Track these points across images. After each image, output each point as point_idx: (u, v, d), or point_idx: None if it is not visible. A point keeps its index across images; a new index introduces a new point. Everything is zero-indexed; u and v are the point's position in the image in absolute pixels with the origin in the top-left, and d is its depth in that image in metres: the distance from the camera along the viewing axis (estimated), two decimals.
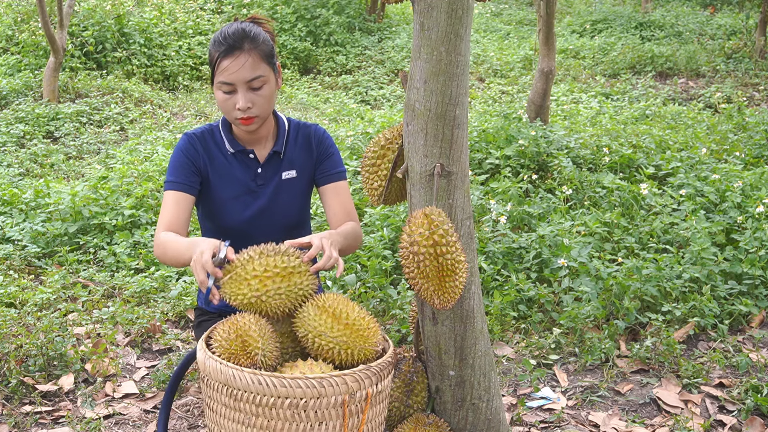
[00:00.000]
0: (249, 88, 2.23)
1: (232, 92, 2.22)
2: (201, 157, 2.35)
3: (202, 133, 2.39)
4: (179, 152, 2.35)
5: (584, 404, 2.91)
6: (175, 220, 2.26)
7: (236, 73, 2.19)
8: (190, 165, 2.33)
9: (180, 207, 2.28)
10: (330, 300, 1.97)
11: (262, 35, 2.27)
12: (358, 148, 5.53)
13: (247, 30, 2.24)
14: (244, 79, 2.20)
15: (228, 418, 1.87)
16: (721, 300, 3.51)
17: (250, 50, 2.21)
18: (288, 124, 2.45)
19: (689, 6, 13.41)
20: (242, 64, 2.19)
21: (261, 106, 2.25)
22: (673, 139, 5.75)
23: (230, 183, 2.38)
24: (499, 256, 3.80)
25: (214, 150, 2.37)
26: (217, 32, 2.27)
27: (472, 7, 1.99)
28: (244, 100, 2.22)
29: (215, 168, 2.37)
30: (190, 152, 2.35)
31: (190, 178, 2.32)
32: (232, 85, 2.21)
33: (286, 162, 2.40)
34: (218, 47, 2.22)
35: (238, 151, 2.37)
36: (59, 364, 3.12)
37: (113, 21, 9.30)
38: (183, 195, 2.30)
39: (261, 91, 2.24)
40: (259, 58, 2.22)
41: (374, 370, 1.89)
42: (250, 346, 1.89)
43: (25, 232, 4.45)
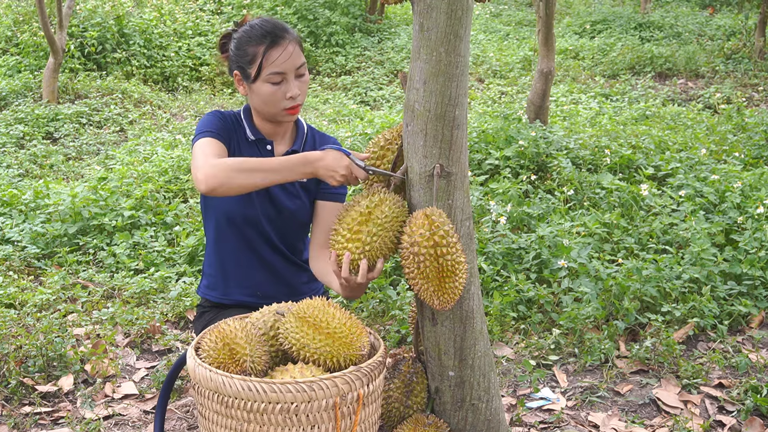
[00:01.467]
0: (297, 76, 2.30)
1: (281, 82, 2.27)
2: (230, 126, 2.37)
3: (229, 114, 2.42)
4: (213, 115, 2.35)
5: (584, 405, 2.91)
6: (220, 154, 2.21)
7: (287, 62, 2.26)
8: (226, 126, 2.35)
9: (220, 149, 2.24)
10: (310, 308, 1.96)
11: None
12: (358, 149, 5.53)
13: (277, 21, 2.32)
14: (294, 66, 2.28)
15: (220, 425, 1.88)
16: (721, 300, 3.51)
17: (292, 38, 2.30)
18: (306, 128, 2.50)
19: (688, 7, 13.42)
20: (292, 51, 2.27)
21: (304, 93, 2.34)
22: (672, 139, 5.75)
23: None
24: (498, 257, 3.80)
25: (238, 131, 2.40)
26: (246, 29, 2.29)
27: (472, 8, 1.99)
28: (294, 88, 2.29)
29: (236, 148, 2.37)
30: (224, 120, 2.37)
31: (223, 131, 2.31)
32: (283, 74, 2.27)
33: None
34: (261, 40, 2.26)
35: (258, 139, 2.40)
36: (59, 364, 3.12)
37: (113, 22, 9.30)
38: (218, 143, 2.26)
39: (303, 78, 2.32)
40: (298, 46, 2.31)
41: (365, 371, 1.89)
42: (238, 354, 1.89)
43: (24, 232, 4.45)
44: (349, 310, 2.12)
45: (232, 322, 1.99)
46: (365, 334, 1.99)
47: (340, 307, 2.00)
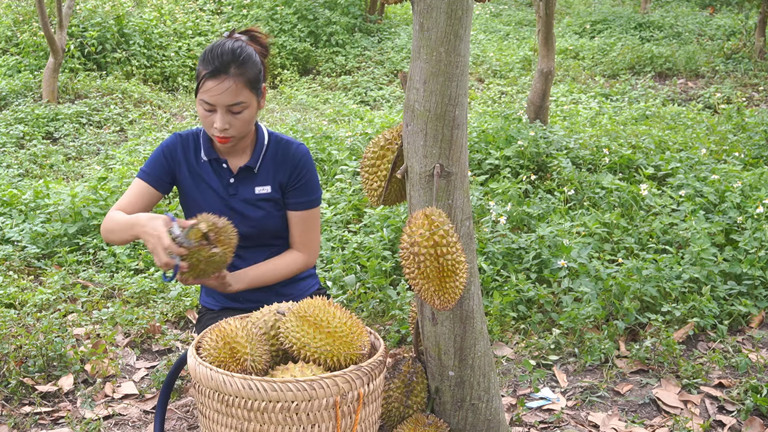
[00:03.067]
0: (228, 111, 2.27)
1: (211, 111, 2.27)
2: (179, 161, 2.42)
3: (188, 135, 2.46)
4: (161, 149, 2.43)
5: (584, 405, 2.91)
6: (129, 205, 2.36)
7: (217, 97, 2.24)
8: (165, 164, 2.41)
9: (141, 197, 2.38)
10: (310, 308, 1.96)
11: (252, 58, 2.30)
12: (358, 149, 5.54)
13: (237, 52, 2.27)
14: (224, 103, 2.25)
15: (220, 424, 1.88)
16: (721, 300, 3.51)
17: (235, 76, 2.24)
18: (268, 139, 2.46)
19: (688, 6, 13.42)
20: (225, 89, 2.23)
21: (238, 128, 2.30)
22: (672, 139, 5.75)
23: (203, 189, 2.44)
24: (498, 257, 3.80)
25: (192, 155, 2.44)
26: (209, 47, 2.30)
27: (472, 8, 1.99)
28: (221, 122, 2.26)
29: (191, 172, 2.43)
30: (171, 152, 2.42)
31: (161, 174, 2.40)
32: (212, 105, 2.25)
33: (260, 177, 2.43)
34: (206, 66, 2.25)
35: (212, 159, 2.42)
36: (59, 364, 3.12)
37: (113, 22, 9.30)
38: (148, 187, 2.39)
39: (240, 115, 2.29)
40: (243, 84, 2.26)
41: (365, 370, 1.89)
42: (238, 353, 1.89)
43: (24, 232, 4.45)
44: (349, 310, 2.12)
45: (233, 321, 1.99)
46: (365, 334, 1.99)
47: (341, 307, 2.01)
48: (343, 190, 4.82)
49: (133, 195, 2.39)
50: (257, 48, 2.38)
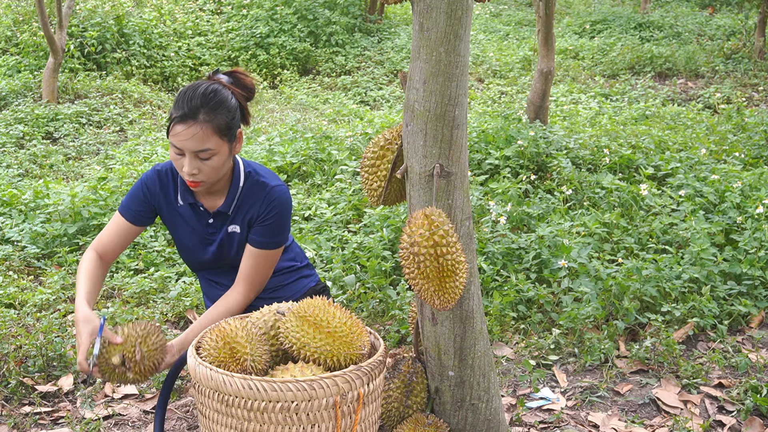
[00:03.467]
0: (196, 157, 2.23)
1: (180, 155, 2.25)
2: (157, 196, 2.42)
3: (167, 172, 2.43)
4: (140, 183, 2.43)
5: (584, 405, 2.91)
6: (109, 243, 2.42)
7: (184, 142, 2.21)
8: (145, 200, 2.41)
9: (121, 232, 2.42)
10: (311, 308, 1.96)
11: (225, 104, 2.25)
12: (358, 149, 5.54)
13: (209, 97, 2.22)
14: (191, 149, 2.22)
15: (220, 424, 1.88)
16: (721, 300, 3.51)
17: (204, 122, 2.20)
18: (244, 180, 2.40)
19: (688, 6, 13.42)
20: (191, 135, 2.20)
21: (207, 174, 2.27)
22: (672, 139, 5.75)
23: (185, 228, 2.46)
24: (498, 257, 3.80)
25: (171, 194, 2.43)
26: (184, 88, 2.27)
27: (472, 8, 1.99)
28: (189, 167, 2.24)
29: (172, 210, 2.44)
30: (150, 188, 2.42)
31: (140, 209, 2.41)
32: (180, 149, 2.23)
33: (234, 217, 2.43)
34: (176, 109, 2.22)
35: (189, 204, 2.42)
36: (59, 364, 3.12)
37: (113, 22, 9.30)
38: (128, 224, 2.42)
39: (209, 161, 2.25)
40: (212, 131, 2.21)
41: (365, 370, 1.89)
42: (238, 353, 1.90)
43: (24, 232, 4.45)
44: (349, 310, 2.12)
45: (233, 321, 1.99)
46: (365, 334, 2.00)
47: (341, 307, 2.01)
48: (343, 190, 4.82)
49: (113, 231, 2.42)
50: (238, 91, 2.33)
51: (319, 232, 4.31)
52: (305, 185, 5.12)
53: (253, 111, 8.17)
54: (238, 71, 2.38)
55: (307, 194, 5.00)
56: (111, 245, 2.42)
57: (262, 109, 8.28)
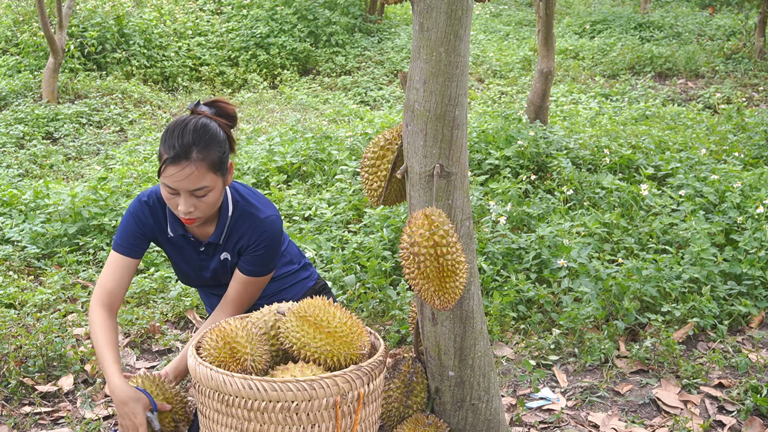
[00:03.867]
0: (192, 195, 2.20)
1: (175, 194, 2.21)
2: (150, 226, 2.40)
3: (154, 203, 2.40)
4: (129, 216, 2.39)
5: (584, 405, 2.91)
6: (113, 286, 2.36)
7: (180, 183, 2.17)
8: (138, 230, 2.38)
9: (120, 271, 2.37)
10: (311, 308, 1.96)
11: (215, 138, 2.21)
12: (358, 149, 5.53)
13: (200, 134, 2.18)
14: (187, 188, 2.18)
15: (221, 424, 1.88)
16: (721, 300, 3.51)
17: (197, 160, 2.16)
18: (233, 209, 2.38)
19: (688, 7, 13.41)
20: (187, 175, 2.16)
21: (204, 210, 2.25)
22: (672, 139, 5.75)
23: (179, 255, 2.46)
24: (498, 257, 3.80)
25: (160, 223, 2.41)
26: (171, 125, 2.21)
27: (472, 8, 1.99)
28: (185, 206, 2.21)
29: (164, 239, 2.44)
30: (139, 218, 2.39)
31: (135, 242, 2.38)
32: (175, 189, 2.19)
33: (224, 246, 2.43)
34: (166, 149, 2.17)
35: (179, 235, 2.41)
36: (59, 364, 3.12)
37: (113, 22, 9.30)
38: (126, 259, 2.37)
39: (205, 198, 2.22)
40: (206, 168, 2.18)
41: (365, 370, 1.89)
42: (238, 353, 1.90)
43: (24, 232, 4.45)
44: (349, 310, 2.12)
45: (233, 321, 1.99)
46: (365, 334, 2.00)
47: (341, 307, 2.01)
48: (343, 190, 4.82)
49: (113, 270, 2.36)
50: (223, 122, 2.29)
51: (319, 232, 4.31)
52: (305, 185, 5.12)
53: (253, 111, 8.16)
54: (220, 100, 2.33)
55: (307, 194, 5.00)
56: (115, 288, 2.36)
57: (262, 109, 8.28)
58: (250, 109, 8.31)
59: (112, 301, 2.35)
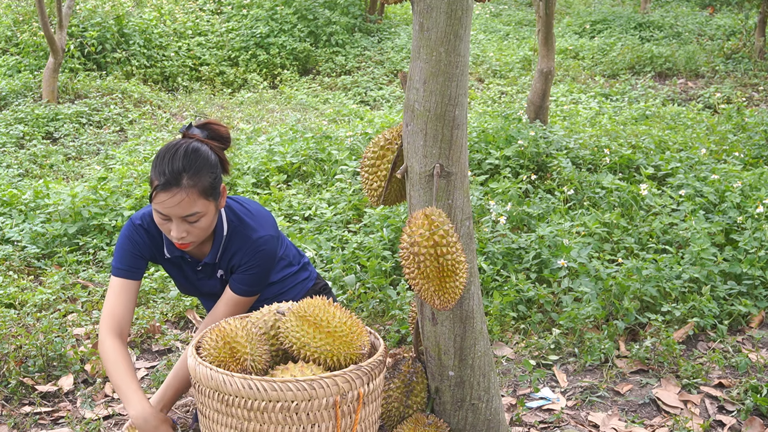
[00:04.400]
0: (184, 221, 2.20)
1: (167, 220, 2.21)
2: (147, 246, 2.39)
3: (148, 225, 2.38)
4: (124, 239, 2.38)
5: (584, 404, 2.91)
6: (120, 312, 2.34)
7: (171, 209, 2.16)
8: (135, 251, 2.37)
9: (125, 295, 2.35)
10: (311, 307, 1.96)
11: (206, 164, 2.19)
12: (358, 149, 5.53)
13: (190, 159, 2.16)
14: (179, 215, 2.17)
15: (221, 424, 1.88)
16: (721, 300, 3.51)
17: (188, 187, 2.15)
18: (227, 230, 2.38)
19: (688, 6, 13.41)
20: (178, 202, 2.15)
21: (196, 234, 2.24)
22: (672, 139, 5.75)
23: (178, 272, 2.47)
24: (498, 257, 3.80)
25: (155, 244, 2.40)
26: (162, 151, 2.19)
27: (472, 8, 1.99)
28: (177, 232, 2.20)
29: (162, 258, 2.43)
30: (135, 240, 2.38)
31: (134, 263, 2.37)
32: (167, 215, 2.19)
33: (220, 264, 2.43)
34: (157, 176, 2.15)
35: (176, 256, 2.41)
36: (59, 364, 3.12)
37: (113, 22, 9.30)
38: (127, 282, 2.36)
39: (197, 223, 2.21)
40: (198, 194, 2.17)
41: (365, 370, 1.89)
42: (238, 353, 1.90)
43: (24, 232, 4.45)
44: (349, 310, 2.12)
45: (233, 321, 1.99)
46: (365, 334, 2.00)
47: (341, 307, 2.01)
48: (343, 190, 4.82)
49: (117, 296, 2.35)
50: (215, 144, 2.27)
51: (319, 232, 4.31)
52: (305, 185, 5.12)
53: (253, 111, 8.17)
54: (212, 122, 2.31)
55: (307, 194, 5.00)
56: (123, 314, 2.35)
57: (262, 109, 8.28)
58: (250, 109, 8.31)
59: (122, 328, 2.33)
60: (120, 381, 2.22)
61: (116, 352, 2.27)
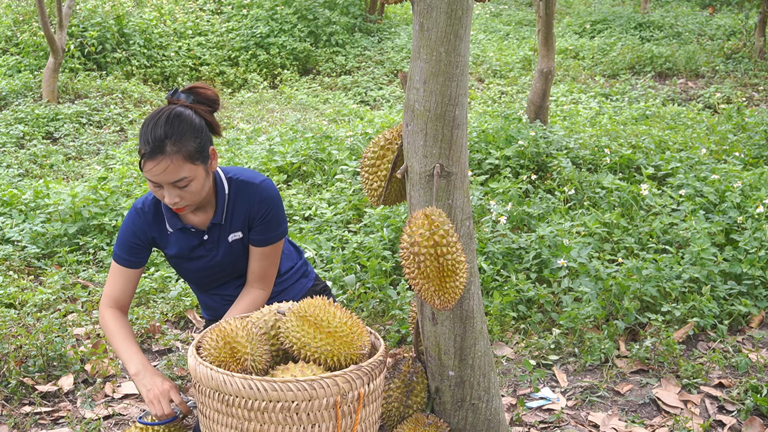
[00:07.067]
0: (174, 186, 2.20)
1: (158, 187, 2.21)
2: (148, 231, 2.39)
3: (149, 207, 2.40)
4: (126, 226, 2.40)
5: (584, 404, 2.91)
6: (118, 293, 2.39)
7: (159, 176, 2.17)
8: (136, 240, 2.38)
9: (124, 280, 2.39)
10: (311, 308, 1.96)
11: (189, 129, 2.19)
12: (358, 149, 5.53)
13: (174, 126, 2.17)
14: (167, 181, 2.18)
15: (221, 424, 1.88)
16: (721, 300, 3.51)
17: (172, 153, 2.15)
18: (229, 187, 2.39)
19: (688, 6, 13.41)
20: (164, 169, 2.16)
21: (189, 198, 2.25)
22: (672, 139, 5.75)
23: (179, 250, 2.43)
24: (498, 257, 3.80)
25: (158, 224, 2.40)
26: (148, 118, 2.21)
27: (472, 8, 1.99)
28: (170, 197, 2.21)
29: (163, 237, 2.42)
30: (136, 227, 2.39)
31: (134, 254, 2.39)
32: (157, 183, 2.20)
33: (231, 225, 2.41)
34: (143, 144, 2.17)
35: (178, 229, 2.40)
36: (59, 364, 3.12)
37: (113, 22, 9.30)
38: (127, 270, 2.39)
39: (187, 188, 2.22)
40: (183, 159, 2.17)
41: (365, 370, 1.89)
42: (239, 353, 1.90)
43: (24, 232, 4.45)
44: (349, 310, 2.12)
45: (233, 321, 1.99)
46: (366, 334, 1.99)
47: (341, 307, 2.01)
48: (343, 190, 4.82)
49: (116, 280, 2.39)
50: (202, 108, 2.27)
51: (319, 232, 4.31)
52: (305, 185, 5.12)
53: (253, 111, 8.16)
54: (198, 86, 2.31)
55: (307, 194, 5.00)
56: (121, 296, 2.39)
57: (262, 109, 8.28)
58: (250, 109, 8.31)
59: (121, 304, 2.39)
60: (119, 345, 2.29)
61: (115, 320, 2.34)
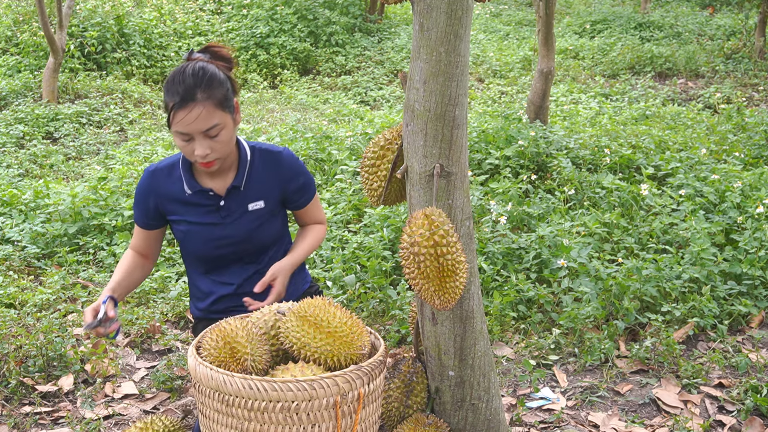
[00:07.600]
0: (206, 136, 2.23)
1: (189, 140, 2.23)
2: (160, 196, 2.42)
3: (164, 168, 2.43)
4: (139, 191, 2.46)
5: (584, 404, 2.91)
6: (140, 248, 2.51)
7: (191, 125, 2.19)
8: (148, 205, 2.43)
9: (143, 238, 2.50)
10: (311, 307, 1.96)
11: (216, 77, 2.25)
12: (358, 149, 5.53)
13: (200, 76, 2.22)
14: (199, 129, 2.21)
15: (221, 424, 1.88)
16: (721, 300, 3.51)
17: (203, 100, 2.19)
18: (251, 154, 2.43)
19: (688, 6, 13.42)
20: (197, 116, 2.19)
21: (220, 150, 2.27)
22: (672, 139, 5.75)
23: (192, 217, 2.41)
24: (498, 257, 3.80)
25: (173, 187, 2.41)
26: (171, 75, 2.25)
27: (472, 8, 1.99)
28: (201, 148, 2.23)
29: (176, 203, 2.42)
30: (149, 192, 2.43)
31: (148, 217, 2.46)
32: (188, 134, 2.22)
33: (250, 193, 2.41)
34: (171, 96, 2.21)
35: (197, 192, 2.40)
36: (59, 364, 3.12)
37: (113, 22, 9.30)
38: (145, 231, 2.48)
39: (218, 137, 2.25)
40: (214, 106, 2.21)
41: (365, 370, 1.89)
42: (239, 353, 1.89)
43: (24, 232, 4.45)
44: (349, 310, 2.12)
45: (233, 321, 1.99)
46: (366, 334, 1.99)
47: (341, 307, 2.01)
48: (343, 190, 4.82)
49: (138, 238, 2.50)
50: (220, 64, 2.32)
51: None
52: None
53: (253, 111, 8.16)
54: (212, 45, 2.37)
55: None
56: (144, 249, 2.50)
57: (262, 109, 8.28)
58: (250, 109, 8.31)
59: (143, 254, 2.51)
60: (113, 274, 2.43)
61: (125, 257, 2.47)
